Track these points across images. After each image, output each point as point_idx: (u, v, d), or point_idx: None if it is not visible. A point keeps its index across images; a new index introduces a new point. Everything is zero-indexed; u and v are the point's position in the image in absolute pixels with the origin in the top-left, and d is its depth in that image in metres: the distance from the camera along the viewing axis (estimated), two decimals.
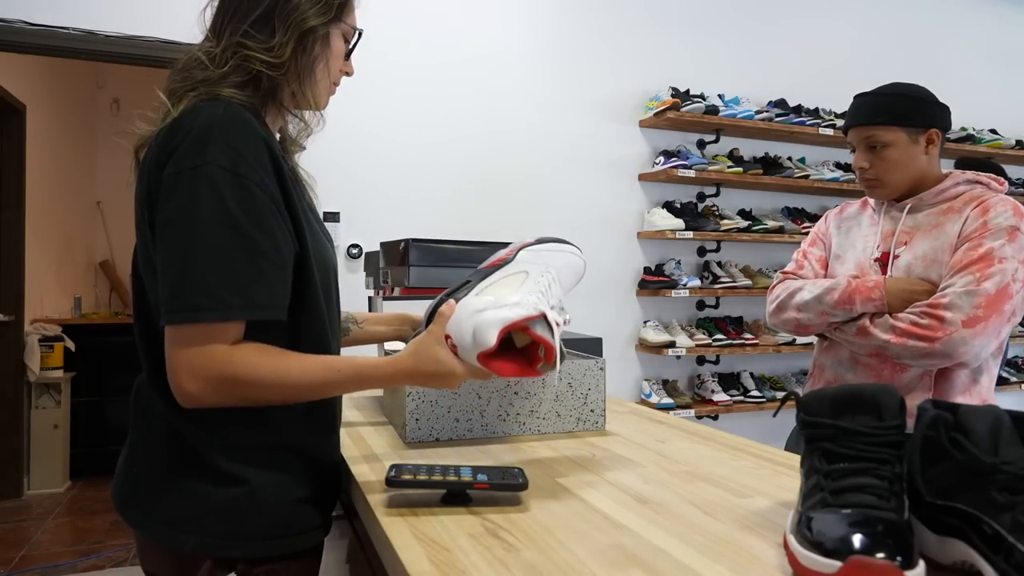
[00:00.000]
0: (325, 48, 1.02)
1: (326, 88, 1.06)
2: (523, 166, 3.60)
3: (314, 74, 1.01)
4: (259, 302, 0.89)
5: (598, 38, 3.72)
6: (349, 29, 1.07)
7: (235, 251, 0.87)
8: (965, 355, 1.40)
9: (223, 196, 0.87)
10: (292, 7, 0.97)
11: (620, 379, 3.82)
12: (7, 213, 4.09)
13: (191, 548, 0.93)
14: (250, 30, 0.96)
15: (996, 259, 1.40)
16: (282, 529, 0.96)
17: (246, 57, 0.96)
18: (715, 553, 0.74)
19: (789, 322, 1.61)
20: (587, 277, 3.72)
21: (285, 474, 0.97)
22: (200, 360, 0.87)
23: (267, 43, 0.96)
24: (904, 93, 1.54)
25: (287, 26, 0.97)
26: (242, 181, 0.88)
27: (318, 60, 1.01)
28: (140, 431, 1.00)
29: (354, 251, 3.32)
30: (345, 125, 3.29)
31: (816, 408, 0.74)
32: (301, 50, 0.98)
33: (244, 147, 0.89)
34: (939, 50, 4.50)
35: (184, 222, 0.87)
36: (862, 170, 1.57)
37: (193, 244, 0.86)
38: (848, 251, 1.65)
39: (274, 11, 0.97)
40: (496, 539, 0.78)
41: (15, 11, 2.78)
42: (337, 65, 1.06)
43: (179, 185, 0.87)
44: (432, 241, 1.67)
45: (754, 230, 3.82)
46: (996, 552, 0.62)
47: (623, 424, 1.37)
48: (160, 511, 0.94)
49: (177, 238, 0.87)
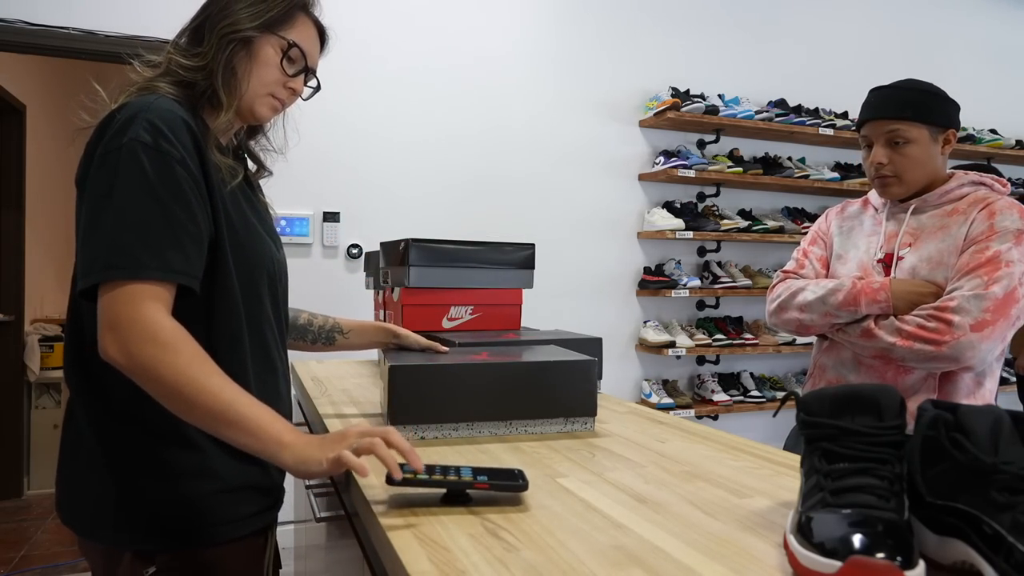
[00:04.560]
0: (247, 52, 1.06)
1: (259, 99, 1.09)
2: (523, 166, 3.60)
3: (235, 76, 1.06)
4: (174, 266, 0.92)
5: (598, 38, 3.72)
6: (283, 42, 1.09)
7: (153, 217, 0.91)
8: (972, 359, 1.38)
9: (144, 168, 0.92)
10: (223, 15, 1.05)
11: (620, 379, 3.82)
12: (7, 213, 4.09)
13: (109, 543, 0.98)
14: (181, 40, 1.07)
15: (1003, 263, 1.39)
16: (199, 520, 0.98)
17: (172, 61, 1.05)
18: (715, 553, 0.74)
19: (791, 322, 1.60)
20: (587, 277, 3.72)
21: (205, 464, 1.00)
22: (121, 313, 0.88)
23: (193, 51, 1.05)
24: (928, 89, 1.51)
25: (215, 33, 1.04)
26: (163, 157, 0.93)
27: (238, 63, 1.05)
28: (65, 431, 1.04)
29: (354, 251, 3.32)
30: (345, 125, 3.29)
31: (816, 408, 0.74)
32: (220, 52, 1.04)
33: (166, 127, 0.95)
34: (939, 50, 4.50)
35: (105, 192, 0.91)
36: (879, 166, 1.52)
37: (113, 211, 0.90)
38: (850, 251, 1.63)
39: (206, 22, 1.06)
40: (496, 539, 0.78)
41: (15, 11, 2.78)
42: (268, 75, 1.08)
43: (106, 162, 0.93)
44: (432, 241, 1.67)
45: (754, 230, 3.82)
46: (996, 552, 0.62)
47: (623, 424, 1.37)
48: (82, 508, 0.99)
49: (98, 208, 0.91)
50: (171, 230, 0.92)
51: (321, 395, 1.60)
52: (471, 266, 1.70)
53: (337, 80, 3.26)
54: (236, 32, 1.04)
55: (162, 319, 0.90)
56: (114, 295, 0.89)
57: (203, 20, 1.06)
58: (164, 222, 0.92)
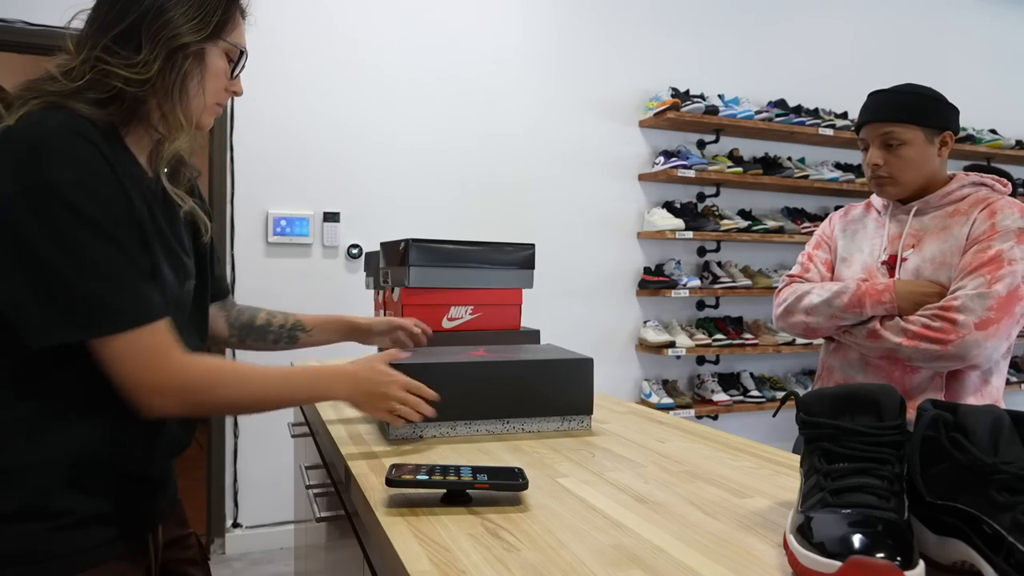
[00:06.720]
0: (199, 66, 0.97)
1: (203, 108, 1.00)
2: (523, 166, 3.60)
3: (186, 93, 0.96)
4: (150, 304, 0.90)
5: (598, 39, 3.72)
6: (231, 48, 1.01)
7: (115, 260, 0.87)
8: (977, 357, 1.40)
9: (83, 212, 0.85)
10: (162, 22, 0.92)
11: (620, 379, 3.82)
12: None
13: None
14: (112, 45, 0.92)
15: (1006, 261, 1.40)
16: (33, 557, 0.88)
17: (105, 72, 0.91)
18: (715, 553, 0.74)
19: (797, 325, 1.61)
20: (587, 277, 3.72)
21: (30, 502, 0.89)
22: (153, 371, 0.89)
23: (130, 59, 0.91)
24: (924, 93, 1.54)
25: (155, 42, 0.92)
26: (92, 194, 0.86)
27: (190, 79, 0.95)
28: None
29: (354, 251, 3.32)
30: (345, 126, 3.29)
31: (816, 408, 0.74)
32: (170, 68, 0.93)
33: (84, 158, 0.86)
34: (939, 50, 4.50)
35: (55, 244, 0.84)
36: (875, 167, 1.55)
37: (67, 260, 0.84)
38: (855, 254, 1.65)
39: (141, 25, 0.92)
40: (496, 539, 0.78)
41: (15, 11, 2.78)
42: (217, 84, 1.01)
43: (32, 206, 0.83)
44: (432, 241, 1.67)
45: (754, 230, 3.82)
46: (996, 552, 0.62)
47: (623, 424, 1.37)
48: None
49: (52, 261, 0.84)
50: (131, 270, 0.89)
51: None
52: (471, 266, 1.70)
53: (337, 81, 3.26)
54: (187, 46, 0.94)
55: (188, 361, 0.92)
56: (124, 351, 0.88)
57: (136, 20, 0.92)
58: (122, 264, 0.88)
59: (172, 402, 0.91)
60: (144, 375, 0.89)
